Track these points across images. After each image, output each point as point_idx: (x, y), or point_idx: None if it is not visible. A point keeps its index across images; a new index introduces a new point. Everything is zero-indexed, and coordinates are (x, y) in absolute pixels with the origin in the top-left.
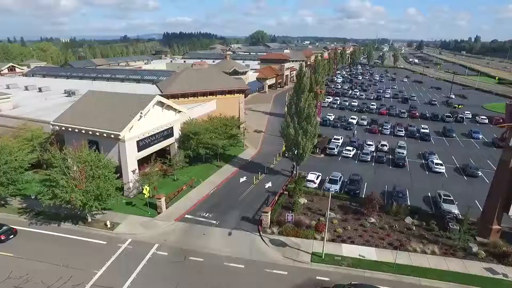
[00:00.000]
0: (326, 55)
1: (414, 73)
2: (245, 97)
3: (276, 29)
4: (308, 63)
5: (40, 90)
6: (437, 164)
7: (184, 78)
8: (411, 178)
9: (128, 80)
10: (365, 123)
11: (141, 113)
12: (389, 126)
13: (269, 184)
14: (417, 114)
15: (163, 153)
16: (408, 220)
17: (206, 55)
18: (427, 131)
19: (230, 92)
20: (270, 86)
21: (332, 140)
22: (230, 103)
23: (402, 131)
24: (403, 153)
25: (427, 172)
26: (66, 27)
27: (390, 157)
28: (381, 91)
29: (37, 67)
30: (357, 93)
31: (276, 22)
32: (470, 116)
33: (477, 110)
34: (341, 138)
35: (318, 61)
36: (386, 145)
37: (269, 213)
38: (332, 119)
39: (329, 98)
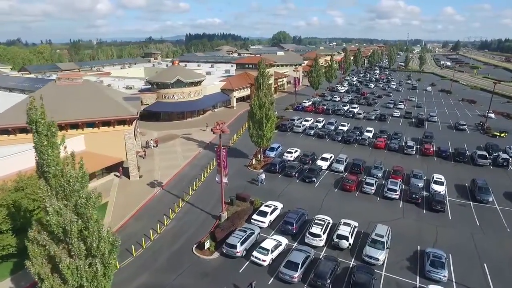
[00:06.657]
0: (325, 58)
1: (443, 79)
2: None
3: (305, 30)
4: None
5: None
6: None
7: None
8: None
9: None
10: (341, 168)
11: None
12: (377, 176)
13: None
14: (431, 149)
15: None
16: None
17: (204, 58)
18: (443, 190)
19: (106, 123)
20: (245, 99)
21: (254, 218)
22: (109, 138)
23: (396, 190)
24: (377, 260)
25: None
26: (103, 29)
27: (350, 267)
28: (391, 106)
29: None
30: (355, 110)
31: (305, 23)
32: None
33: None
34: (277, 208)
35: (261, 69)
36: (347, 237)
37: None
38: (291, 159)
39: (307, 120)
